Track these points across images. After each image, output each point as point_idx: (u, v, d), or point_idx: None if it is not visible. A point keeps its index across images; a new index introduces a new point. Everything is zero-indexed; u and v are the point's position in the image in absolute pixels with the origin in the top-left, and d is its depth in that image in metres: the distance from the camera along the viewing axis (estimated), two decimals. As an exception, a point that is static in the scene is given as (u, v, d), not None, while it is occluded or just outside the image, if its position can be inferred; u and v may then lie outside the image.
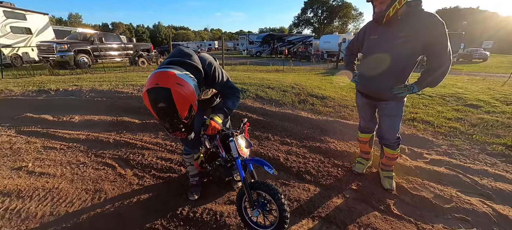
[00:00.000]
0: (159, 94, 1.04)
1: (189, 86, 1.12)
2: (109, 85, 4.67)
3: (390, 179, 1.97)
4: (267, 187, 1.36)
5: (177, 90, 1.05)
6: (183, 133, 1.18)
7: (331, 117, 3.47)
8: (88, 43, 10.08)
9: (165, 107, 1.06)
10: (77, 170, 2.24)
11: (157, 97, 1.04)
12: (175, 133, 1.17)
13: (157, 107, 1.06)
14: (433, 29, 1.47)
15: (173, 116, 1.10)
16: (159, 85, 1.04)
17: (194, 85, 1.16)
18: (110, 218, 1.67)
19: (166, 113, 1.08)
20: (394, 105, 1.75)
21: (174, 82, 1.06)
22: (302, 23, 47.47)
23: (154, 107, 1.06)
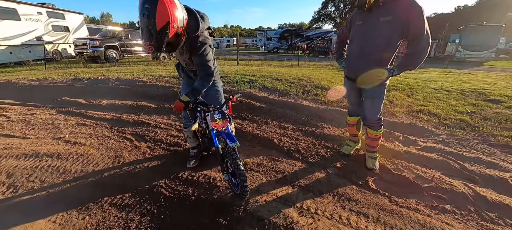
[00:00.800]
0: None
1: (176, 10, 1.29)
2: (132, 75, 5.20)
3: (374, 159, 2.09)
4: (231, 158, 1.57)
5: (164, 3, 1.21)
6: (151, 47, 1.30)
7: (332, 106, 3.58)
8: (116, 40, 11.03)
9: (148, 8, 1.20)
10: (102, 141, 2.68)
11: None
12: (146, 43, 1.30)
13: (143, 6, 1.21)
14: (411, 13, 1.57)
15: (151, 21, 1.22)
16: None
17: (181, 14, 1.34)
18: (126, 176, 2.04)
19: (146, 15, 1.21)
20: (376, 88, 1.86)
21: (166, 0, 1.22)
22: (323, 18, 46.05)
23: (141, 6, 1.22)
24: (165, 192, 1.82)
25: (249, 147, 2.55)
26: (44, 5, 11.58)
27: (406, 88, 4.72)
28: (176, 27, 1.33)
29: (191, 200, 1.74)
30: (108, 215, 1.62)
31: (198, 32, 1.52)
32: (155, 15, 1.22)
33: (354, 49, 1.89)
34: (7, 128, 3.09)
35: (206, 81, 1.68)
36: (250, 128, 2.94)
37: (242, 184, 1.56)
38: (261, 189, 1.83)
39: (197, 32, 1.52)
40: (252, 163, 2.21)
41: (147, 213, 1.63)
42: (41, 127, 3.12)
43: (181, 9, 1.38)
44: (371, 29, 1.74)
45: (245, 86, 4.46)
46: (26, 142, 2.67)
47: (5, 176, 2.03)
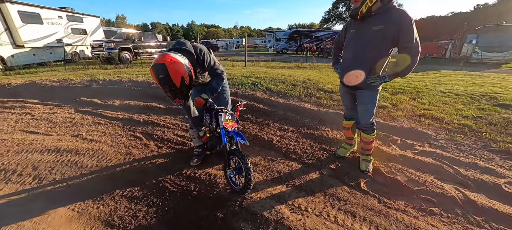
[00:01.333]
0: (159, 68, 1.50)
1: (180, 63, 1.57)
2: (143, 77, 5.50)
3: (367, 162, 2.17)
4: (240, 155, 1.75)
5: (171, 66, 1.51)
6: (180, 99, 1.65)
7: (333, 109, 3.65)
8: (130, 42, 11.53)
9: (163, 78, 1.51)
10: (115, 139, 2.91)
11: (157, 71, 1.51)
12: (175, 99, 1.65)
13: (158, 78, 1.52)
14: (401, 22, 1.65)
15: (170, 84, 1.53)
16: (158, 62, 1.51)
17: (185, 63, 1.60)
18: (135, 171, 2.24)
19: (165, 82, 1.53)
20: (368, 93, 1.95)
21: (169, 60, 1.52)
22: (333, 18, 45.41)
23: (156, 78, 1.53)
24: (170, 187, 2.00)
25: (250, 147, 2.69)
26: (64, 9, 12.30)
27: (413, 91, 4.68)
28: (188, 75, 1.61)
29: (192, 195, 1.90)
30: (119, 206, 1.82)
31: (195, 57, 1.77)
32: (171, 78, 1.52)
33: (348, 56, 1.99)
34: (32, 125, 3.42)
35: (220, 79, 1.94)
36: (252, 129, 3.08)
37: (248, 179, 1.70)
38: (257, 187, 1.96)
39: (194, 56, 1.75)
40: (250, 162, 2.34)
41: (153, 205, 1.81)
42: (62, 124, 3.42)
43: (182, 58, 1.61)
44: (363, 37, 1.83)
45: (249, 88, 4.61)
46: (48, 138, 2.96)
47: (31, 168, 2.29)
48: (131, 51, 11.47)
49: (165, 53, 1.58)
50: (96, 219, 1.69)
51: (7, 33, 9.09)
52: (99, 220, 1.68)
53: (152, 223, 1.64)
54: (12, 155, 2.54)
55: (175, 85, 1.55)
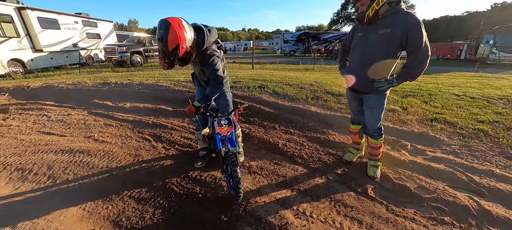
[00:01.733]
0: (162, 23, 1.50)
1: (184, 32, 1.54)
2: (153, 80, 5.63)
3: (375, 168, 2.12)
4: (231, 162, 1.70)
5: (174, 28, 1.49)
6: (165, 64, 1.60)
7: (340, 112, 3.60)
8: (141, 45, 11.88)
9: (162, 33, 1.48)
10: (125, 141, 3.00)
11: (160, 25, 1.50)
12: (161, 61, 1.61)
13: (158, 32, 1.51)
14: (409, 25, 1.62)
15: (164, 43, 1.50)
16: (166, 19, 1.50)
17: (189, 35, 1.59)
18: (143, 172, 2.30)
19: (160, 38, 1.50)
20: (375, 97, 1.91)
21: (176, 22, 1.52)
22: (342, 19, 44.91)
23: (157, 31, 1.52)
24: (176, 189, 2.03)
25: (255, 150, 2.69)
26: (80, 15, 12.84)
27: (425, 94, 4.54)
28: (185, 47, 1.58)
29: (198, 197, 1.93)
30: (127, 206, 1.86)
31: (205, 46, 1.74)
32: (167, 39, 1.49)
33: (355, 60, 1.96)
34: (48, 126, 3.58)
35: (216, 89, 1.88)
36: (258, 132, 3.09)
37: (237, 187, 1.69)
38: (262, 191, 1.96)
39: (204, 47, 1.73)
40: (256, 165, 2.35)
41: (160, 206, 1.85)
42: (75, 126, 3.55)
43: (189, 31, 1.61)
44: (370, 41, 1.80)
45: (256, 91, 4.63)
46: (63, 139, 3.09)
47: (46, 168, 2.40)
48: (142, 54, 11.80)
49: (179, 17, 1.58)
50: (105, 219, 1.75)
51: (27, 38, 9.59)
52: (108, 220, 1.74)
53: (158, 225, 1.67)
54: (29, 155, 2.66)
55: (167, 46, 1.51)
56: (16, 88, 5.29)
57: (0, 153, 2.72)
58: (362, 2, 1.72)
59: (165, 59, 1.58)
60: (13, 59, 8.91)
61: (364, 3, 1.70)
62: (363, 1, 1.70)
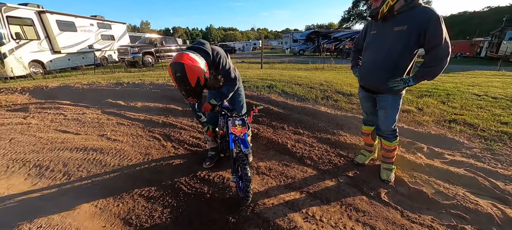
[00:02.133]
0: (176, 66, 1.53)
1: (198, 63, 1.58)
2: (164, 80, 5.73)
3: (389, 171, 2.03)
4: (242, 163, 1.69)
5: (188, 64, 1.53)
6: (194, 99, 1.66)
7: (351, 113, 3.49)
8: (152, 46, 12.16)
9: (180, 76, 1.53)
10: (136, 139, 3.06)
11: (175, 69, 1.54)
12: (189, 98, 1.66)
13: (175, 76, 1.55)
14: (427, 21, 1.52)
15: (186, 83, 1.56)
16: (176, 60, 1.54)
17: (202, 64, 1.61)
18: (153, 171, 2.33)
19: (181, 81, 1.55)
20: (390, 98, 1.82)
21: (187, 59, 1.54)
22: (353, 17, 43.87)
23: (173, 75, 1.56)
24: (184, 188, 2.04)
25: (264, 151, 2.66)
26: (95, 17, 13.33)
27: (442, 94, 4.32)
28: (204, 75, 1.64)
29: (206, 197, 1.92)
30: (137, 204, 1.89)
31: (212, 57, 1.78)
32: (187, 78, 1.54)
33: (368, 58, 1.88)
34: (64, 124, 3.72)
35: (231, 86, 1.92)
36: (266, 133, 3.05)
37: (246, 189, 1.67)
38: (270, 192, 1.93)
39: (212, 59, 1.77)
40: (264, 166, 2.32)
41: (168, 205, 1.86)
42: (90, 125, 3.67)
43: (200, 59, 1.63)
44: (385, 39, 1.72)
45: (265, 91, 4.59)
46: (77, 137, 3.20)
47: (61, 165, 2.49)
48: (153, 55, 12.07)
49: (183, 52, 1.60)
50: (116, 216, 1.78)
51: (46, 41, 10.06)
52: (119, 218, 1.77)
53: (166, 224, 1.68)
54: (46, 152, 2.77)
55: (190, 84, 1.57)
56: (36, 88, 5.55)
57: (20, 150, 2.85)
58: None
59: (191, 95, 1.65)
60: (33, 60, 9.38)
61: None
62: None
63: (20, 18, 8.94)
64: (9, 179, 2.28)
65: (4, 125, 3.74)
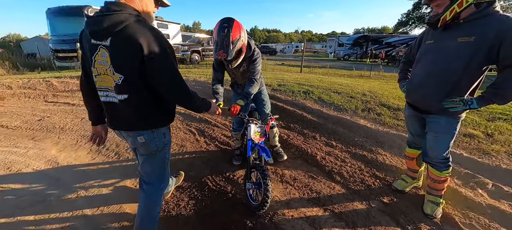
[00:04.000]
0: (227, 19, 1.72)
1: (243, 31, 1.76)
2: (205, 78, 6.15)
3: (435, 205, 1.73)
4: (262, 171, 1.68)
5: (237, 23, 1.72)
6: (224, 54, 1.72)
7: (396, 130, 3.10)
8: (200, 45, 13.17)
9: (226, 26, 1.67)
10: (174, 131, 3.36)
11: (224, 19, 1.72)
12: (219, 51, 1.71)
13: (221, 25, 1.69)
14: (505, 33, 1.23)
15: (227, 34, 1.66)
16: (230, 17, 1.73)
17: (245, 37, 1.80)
18: (185, 163, 2.52)
19: (224, 29, 1.67)
20: (444, 121, 1.55)
21: (238, 22, 1.73)
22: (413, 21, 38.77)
23: (219, 25, 1.70)
24: (210, 184, 2.15)
25: (291, 159, 2.60)
26: (157, 18, 15.15)
27: (524, 119, 3.47)
28: (242, 43, 1.77)
29: (228, 197, 1.99)
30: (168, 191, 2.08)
31: (253, 48, 1.95)
32: (231, 31, 1.67)
33: (419, 71, 1.64)
34: (121, 110, 4.34)
35: (254, 86, 1.99)
36: (296, 140, 2.97)
37: (265, 198, 1.63)
38: (291, 204, 1.87)
39: (252, 50, 1.97)
40: (289, 175, 2.26)
41: (194, 197, 1.99)
42: (140, 113, 4.20)
43: (245, 32, 1.79)
44: (444, 50, 1.46)
45: (300, 96, 4.47)
46: (130, 123, 3.69)
47: (115, 145, 2.91)
48: (200, 53, 13.07)
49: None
50: (149, 199, 1.99)
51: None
52: (151, 200, 1.97)
53: (189, 215, 1.80)
54: (106, 133, 3.29)
55: (230, 37, 1.67)
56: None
57: (87, 128, 3.46)
58: (438, 3, 1.40)
59: (224, 49, 1.70)
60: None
61: (441, 4, 1.38)
62: (439, 1, 1.38)
63: (101, 18, 10.81)
64: (77, 151, 2.79)
65: (79, 105, 4.59)
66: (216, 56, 1.75)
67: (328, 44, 31.15)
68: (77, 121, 3.76)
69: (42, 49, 15.46)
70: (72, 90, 5.77)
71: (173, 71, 1.16)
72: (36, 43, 19.19)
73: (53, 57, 10.27)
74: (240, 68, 2.07)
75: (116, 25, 1.02)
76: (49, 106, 4.62)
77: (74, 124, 3.63)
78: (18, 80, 5.96)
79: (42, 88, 5.75)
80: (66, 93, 5.56)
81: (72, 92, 5.64)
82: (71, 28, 9.89)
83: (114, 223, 1.71)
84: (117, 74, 1.09)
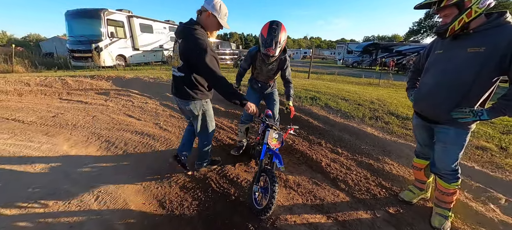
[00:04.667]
0: (276, 21, 2.00)
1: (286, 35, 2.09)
2: (213, 81, 6.23)
3: (443, 218, 1.67)
4: (271, 177, 1.71)
5: (283, 26, 2.01)
6: (273, 50, 1.99)
7: (404, 139, 3.04)
8: (209, 49, 13.40)
9: (275, 28, 1.97)
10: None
11: (274, 22, 2.01)
12: (269, 48, 1.99)
13: (271, 27, 1.97)
14: None
15: (276, 35, 1.95)
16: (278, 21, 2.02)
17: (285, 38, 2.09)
18: (190, 164, 2.54)
19: (274, 30, 1.96)
20: (453, 132, 1.52)
21: (283, 25, 2.02)
22: (424, 29, 38.10)
23: (269, 26, 1.98)
24: (214, 186, 2.17)
25: (295, 164, 2.58)
26: (168, 21, 15.58)
27: (542, 134, 3.32)
28: (284, 43, 2.10)
29: (231, 199, 1.99)
30: (172, 191, 2.11)
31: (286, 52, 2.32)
32: (279, 32, 1.98)
33: (428, 80, 1.61)
34: (131, 110, 4.46)
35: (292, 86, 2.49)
36: (301, 146, 2.96)
37: (269, 204, 1.65)
38: (294, 210, 1.86)
39: (286, 52, 2.31)
40: (293, 181, 2.25)
41: (197, 198, 2.01)
42: (149, 113, 4.30)
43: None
44: (454, 60, 1.44)
45: (307, 102, 4.46)
46: (139, 122, 3.79)
47: (123, 144, 2.99)
48: (209, 56, 13.28)
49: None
50: (154, 197, 2.02)
51: (130, 40, 12.31)
52: (156, 199, 2.00)
53: (192, 215, 1.82)
54: (115, 131, 3.38)
55: (278, 36, 1.96)
56: (117, 77, 6.85)
57: (98, 126, 3.57)
58: (446, 13, 1.39)
59: (272, 45, 1.98)
60: (119, 55, 11.60)
61: (449, 14, 1.37)
62: (447, 11, 1.37)
63: (115, 21, 11.21)
64: (87, 148, 2.88)
65: (91, 104, 4.75)
66: (265, 51, 2.02)
67: (337, 51, 30.94)
68: (89, 118, 3.90)
69: (59, 49, 16.15)
70: (86, 89, 5.99)
71: (206, 67, 1.71)
72: (54, 43, 20.08)
73: (69, 57, 10.70)
74: (270, 66, 2.32)
75: (184, 32, 1.74)
76: (63, 104, 4.81)
77: (86, 121, 3.76)
78: (35, 78, 6.25)
79: (57, 86, 5.99)
80: (79, 92, 5.77)
81: (86, 91, 5.85)
82: (87, 30, 10.32)
83: (120, 221, 1.75)
84: (180, 60, 1.80)
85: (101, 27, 10.30)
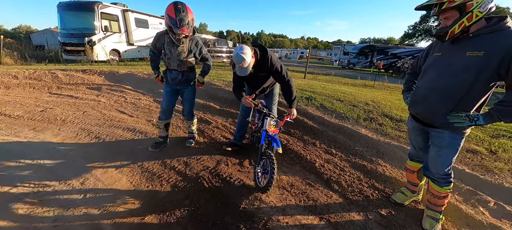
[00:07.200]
0: (180, 1, 2.10)
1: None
2: (208, 78, 6.16)
3: (434, 221, 1.68)
4: (270, 159, 1.90)
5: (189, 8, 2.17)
6: (188, 29, 2.16)
7: (397, 141, 3.06)
8: (206, 46, 13.28)
9: (180, 7, 2.08)
10: (174, 130, 3.37)
11: (178, 1, 2.08)
12: (182, 28, 2.09)
13: (176, 6, 2.05)
14: None
15: (185, 14, 2.08)
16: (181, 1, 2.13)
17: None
18: (182, 163, 2.50)
19: (180, 10, 2.06)
20: (448, 135, 1.52)
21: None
22: (419, 33, 38.70)
23: (175, 5, 2.05)
24: (206, 185, 2.13)
25: (289, 164, 2.57)
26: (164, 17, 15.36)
27: (530, 138, 3.40)
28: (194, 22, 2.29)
29: (223, 199, 1.96)
30: (163, 190, 2.06)
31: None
32: (187, 11, 2.13)
33: (425, 83, 1.61)
34: (123, 106, 4.36)
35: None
36: (295, 146, 2.94)
37: (270, 181, 1.85)
38: (287, 210, 1.84)
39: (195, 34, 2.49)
40: (286, 181, 2.23)
41: (188, 197, 1.97)
42: (142, 110, 4.21)
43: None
44: (452, 64, 1.43)
45: (302, 102, 4.45)
46: (131, 119, 3.70)
47: (114, 140, 2.91)
48: (205, 54, 13.17)
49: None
50: (144, 196, 1.97)
51: (125, 34, 12.06)
52: (146, 198, 1.95)
53: (183, 215, 1.78)
54: (106, 128, 3.30)
55: (187, 16, 2.13)
56: (110, 72, 6.70)
57: (88, 121, 3.47)
58: (446, 16, 1.37)
59: (185, 25, 2.11)
60: (113, 49, 11.35)
61: (450, 16, 1.35)
62: (448, 14, 1.35)
63: (110, 14, 10.96)
64: (76, 144, 2.79)
65: (82, 99, 4.63)
66: (180, 32, 2.10)
67: (333, 52, 31.11)
68: (79, 113, 3.79)
69: (50, 42, 15.70)
70: (77, 84, 5.83)
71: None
72: (45, 35, 19.51)
73: (61, 50, 10.42)
74: (179, 48, 2.37)
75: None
76: (53, 98, 4.67)
77: (76, 116, 3.65)
78: (24, 71, 6.05)
79: (47, 80, 5.82)
80: (70, 86, 5.62)
81: (77, 86, 5.69)
82: (80, 23, 10.05)
83: (107, 220, 1.70)
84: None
85: (94, 20, 10.04)
